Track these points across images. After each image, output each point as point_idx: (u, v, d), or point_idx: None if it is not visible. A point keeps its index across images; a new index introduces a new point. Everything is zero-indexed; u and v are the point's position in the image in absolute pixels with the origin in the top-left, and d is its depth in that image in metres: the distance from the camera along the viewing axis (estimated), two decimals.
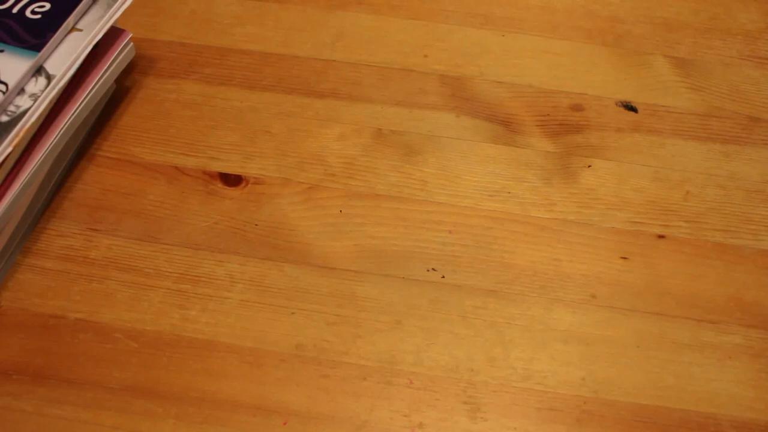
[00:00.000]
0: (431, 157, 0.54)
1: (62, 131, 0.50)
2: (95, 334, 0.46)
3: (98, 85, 0.52)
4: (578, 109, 0.57)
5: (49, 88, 0.49)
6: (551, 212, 0.52)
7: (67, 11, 0.51)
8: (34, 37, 0.50)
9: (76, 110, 0.51)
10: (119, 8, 0.52)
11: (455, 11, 0.62)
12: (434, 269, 0.49)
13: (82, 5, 0.51)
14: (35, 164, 0.48)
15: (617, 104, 0.57)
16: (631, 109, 0.57)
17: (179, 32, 0.60)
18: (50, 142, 0.49)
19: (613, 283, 0.49)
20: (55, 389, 0.44)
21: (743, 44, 0.61)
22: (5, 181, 0.47)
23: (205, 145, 0.54)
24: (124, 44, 0.54)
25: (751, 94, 0.58)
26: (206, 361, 0.46)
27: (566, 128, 0.56)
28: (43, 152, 0.49)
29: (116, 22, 0.53)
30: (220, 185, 0.53)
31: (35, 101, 0.48)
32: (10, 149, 0.46)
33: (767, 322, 0.48)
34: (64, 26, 0.50)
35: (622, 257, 0.50)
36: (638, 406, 0.45)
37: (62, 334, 0.46)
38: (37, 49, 0.49)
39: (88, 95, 0.52)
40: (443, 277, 0.49)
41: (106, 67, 0.53)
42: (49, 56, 0.50)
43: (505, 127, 0.56)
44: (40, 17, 0.50)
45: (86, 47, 0.51)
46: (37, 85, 0.49)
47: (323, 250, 0.50)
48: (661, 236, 0.51)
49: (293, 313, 0.47)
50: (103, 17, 0.52)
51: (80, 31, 0.51)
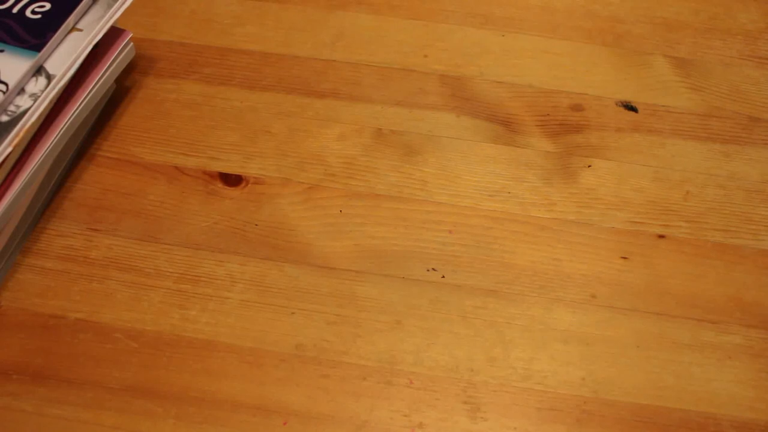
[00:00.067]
0: (431, 157, 0.54)
1: (62, 131, 0.50)
2: (95, 334, 0.46)
3: (98, 85, 0.52)
4: (578, 109, 0.57)
5: (49, 88, 0.49)
6: (551, 212, 0.52)
7: (67, 11, 0.51)
8: (34, 37, 0.50)
9: (76, 110, 0.51)
10: (119, 8, 0.52)
11: (455, 11, 0.62)
12: (434, 269, 0.49)
13: (82, 5, 0.51)
14: (35, 164, 0.48)
15: (617, 104, 0.57)
16: (631, 109, 0.57)
17: (179, 32, 0.60)
18: (50, 142, 0.49)
19: (613, 283, 0.49)
20: (55, 389, 0.44)
21: (743, 44, 0.61)
22: (5, 181, 0.47)
23: (205, 145, 0.54)
24: (124, 44, 0.54)
25: (751, 94, 0.58)
26: (206, 361, 0.46)
27: (566, 128, 0.56)
28: (43, 152, 0.49)
29: (116, 22, 0.53)
30: (220, 185, 0.53)
31: (35, 101, 0.48)
32: (10, 149, 0.46)
33: (767, 322, 0.48)
34: (64, 26, 0.50)
35: (622, 257, 0.50)
36: (638, 406, 0.45)
37: (62, 334, 0.46)
38: (37, 49, 0.49)
39: (88, 95, 0.52)
40: (443, 277, 0.49)
41: (106, 67, 0.53)
42: (49, 56, 0.50)
43: (505, 127, 0.56)
44: (40, 17, 0.50)
45: (86, 47, 0.51)
46: (37, 85, 0.49)
47: (323, 250, 0.50)
48: (661, 236, 0.51)
49: (293, 313, 0.47)
50: (103, 17, 0.52)
51: (80, 31, 0.51)
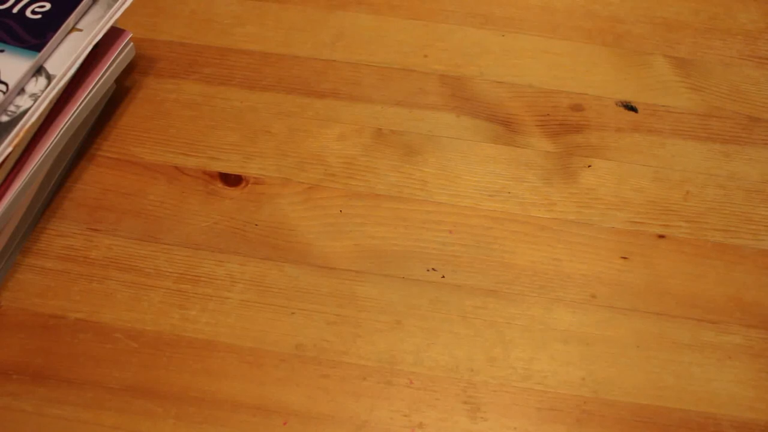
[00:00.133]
0: (431, 157, 0.54)
1: (62, 131, 0.50)
2: (95, 334, 0.46)
3: (98, 85, 0.52)
4: (578, 109, 0.57)
5: (49, 88, 0.49)
6: (551, 212, 0.52)
7: (67, 11, 0.51)
8: (34, 37, 0.50)
9: (76, 110, 0.51)
10: (119, 8, 0.52)
11: (455, 11, 0.62)
12: (434, 269, 0.49)
13: (82, 5, 0.51)
14: (35, 164, 0.48)
15: (617, 104, 0.57)
16: (631, 109, 0.57)
17: (179, 32, 0.60)
18: (50, 142, 0.49)
19: (613, 283, 0.49)
20: (55, 389, 0.44)
21: (743, 44, 0.61)
22: (5, 181, 0.47)
23: (205, 145, 0.54)
24: (124, 44, 0.54)
25: (751, 94, 0.58)
26: (206, 361, 0.46)
27: (566, 128, 0.56)
28: (43, 152, 0.49)
29: (116, 22, 0.53)
30: (220, 185, 0.53)
31: (35, 101, 0.48)
32: (10, 149, 0.46)
33: (767, 322, 0.48)
34: (64, 26, 0.50)
35: (622, 257, 0.50)
36: (638, 406, 0.45)
37: (62, 334, 0.46)
38: (37, 49, 0.49)
39: (88, 95, 0.52)
40: (443, 277, 0.49)
41: (106, 67, 0.53)
42: (49, 56, 0.50)
43: (505, 127, 0.56)
44: (40, 17, 0.50)
45: (86, 47, 0.51)
46: (37, 85, 0.49)
47: (323, 250, 0.50)
48: (661, 236, 0.51)
49: (293, 313, 0.47)
50: (103, 17, 0.52)
51: (80, 31, 0.51)
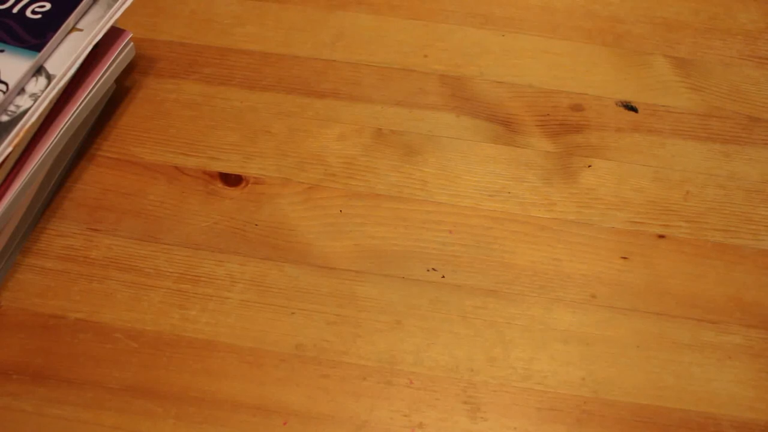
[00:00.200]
0: (431, 157, 0.54)
1: (62, 131, 0.50)
2: (95, 334, 0.46)
3: (98, 85, 0.52)
4: (578, 109, 0.57)
5: (49, 88, 0.49)
6: (551, 212, 0.52)
7: (67, 11, 0.51)
8: (34, 37, 0.50)
9: (76, 110, 0.51)
10: (119, 8, 0.52)
11: (455, 11, 0.62)
12: (434, 269, 0.49)
13: (82, 5, 0.51)
14: (35, 164, 0.48)
15: (617, 104, 0.57)
16: (631, 109, 0.57)
17: (179, 32, 0.60)
18: (50, 142, 0.49)
19: (613, 283, 0.49)
20: (55, 389, 0.44)
21: (743, 44, 0.61)
22: (5, 181, 0.47)
23: (205, 145, 0.54)
24: (124, 44, 0.54)
25: (751, 94, 0.58)
26: (206, 361, 0.46)
27: (566, 128, 0.56)
28: (43, 152, 0.49)
29: (116, 22, 0.53)
30: (220, 185, 0.53)
31: (35, 101, 0.48)
32: (10, 149, 0.46)
33: (767, 322, 0.48)
34: (64, 26, 0.50)
35: (622, 257, 0.50)
36: (638, 406, 0.45)
37: (62, 334, 0.46)
38: (37, 49, 0.49)
39: (88, 95, 0.52)
40: (443, 277, 0.49)
41: (106, 67, 0.53)
42: (49, 56, 0.50)
43: (505, 127, 0.56)
44: (40, 17, 0.50)
45: (86, 47, 0.51)
46: (37, 85, 0.49)
47: (323, 250, 0.50)
48: (661, 236, 0.51)
49: (293, 313, 0.47)
50: (103, 17, 0.52)
51: (80, 31, 0.51)
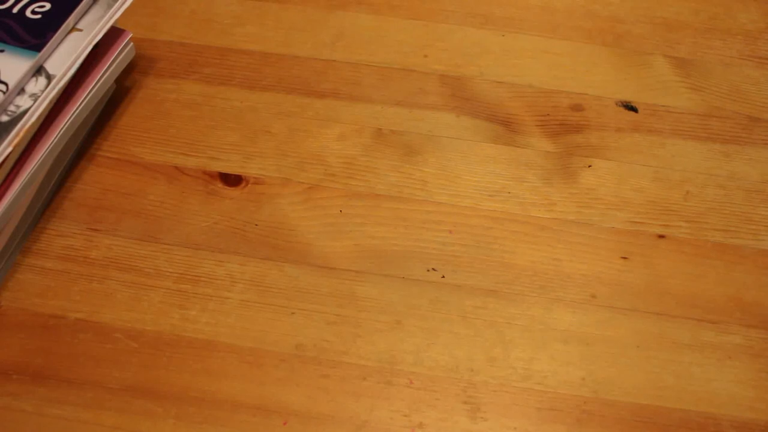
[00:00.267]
0: (431, 157, 0.54)
1: (62, 131, 0.50)
2: (95, 334, 0.46)
3: (98, 85, 0.52)
4: (578, 109, 0.57)
5: (49, 88, 0.49)
6: (551, 212, 0.52)
7: (67, 11, 0.51)
8: (34, 37, 0.50)
9: (76, 110, 0.51)
10: (119, 8, 0.52)
11: (455, 11, 0.62)
12: (434, 269, 0.49)
13: (82, 5, 0.51)
14: (35, 164, 0.48)
15: (617, 104, 0.57)
16: (631, 109, 0.57)
17: (179, 32, 0.60)
18: (50, 142, 0.49)
19: (613, 283, 0.49)
20: (55, 389, 0.44)
21: (743, 44, 0.61)
22: (5, 181, 0.47)
23: (205, 145, 0.54)
24: (124, 44, 0.54)
25: (751, 94, 0.58)
26: (206, 361, 0.46)
27: (566, 128, 0.56)
28: (43, 152, 0.49)
29: (116, 22, 0.53)
30: (220, 185, 0.53)
31: (35, 101, 0.48)
32: (10, 149, 0.46)
33: (767, 322, 0.48)
34: (64, 26, 0.50)
35: (622, 257, 0.50)
36: (638, 406, 0.45)
37: (62, 334, 0.46)
38: (37, 49, 0.49)
39: (88, 95, 0.52)
40: (443, 277, 0.49)
41: (106, 67, 0.53)
42: (49, 56, 0.50)
43: (505, 127, 0.56)
44: (40, 17, 0.50)
45: (86, 47, 0.51)
46: (37, 85, 0.49)
47: (323, 250, 0.50)
48: (661, 236, 0.51)
49: (293, 313, 0.47)
50: (103, 17, 0.52)
51: (80, 31, 0.51)
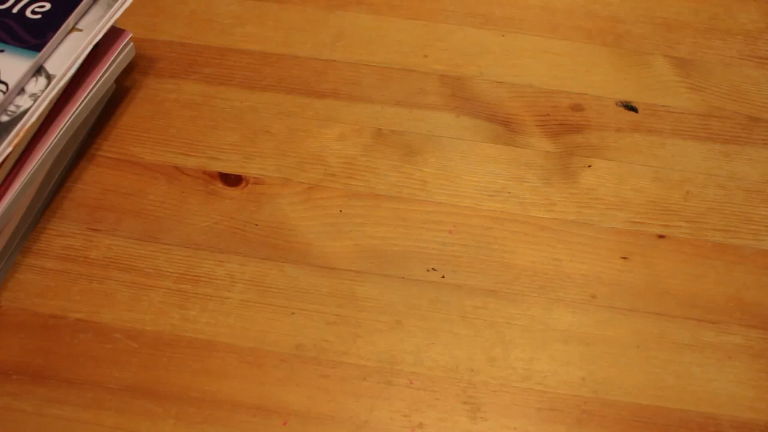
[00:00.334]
0: (431, 157, 0.54)
1: (62, 131, 0.50)
2: (95, 334, 0.46)
3: (98, 85, 0.52)
4: (578, 109, 0.57)
5: (49, 88, 0.49)
6: (551, 212, 0.52)
7: (67, 11, 0.51)
8: (34, 37, 0.50)
9: (76, 110, 0.51)
10: (119, 8, 0.52)
11: (455, 11, 0.62)
12: (434, 269, 0.49)
13: (82, 5, 0.51)
14: (35, 164, 0.48)
15: (617, 104, 0.57)
16: (631, 109, 0.57)
17: (179, 32, 0.60)
18: (50, 142, 0.49)
19: (613, 283, 0.49)
20: (55, 389, 0.44)
21: (743, 44, 0.61)
22: (5, 181, 0.47)
23: (205, 145, 0.54)
24: (124, 44, 0.54)
25: (751, 94, 0.58)
26: (206, 361, 0.46)
27: (566, 128, 0.56)
28: (43, 152, 0.49)
29: (116, 22, 0.53)
30: (220, 185, 0.53)
31: (35, 101, 0.48)
32: (10, 149, 0.46)
33: (767, 322, 0.48)
34: (64, 26, 0.50)
35: (622, 257, 0.50)
36: (638, 406, 0.45)
37: (62, 334, 0.46)
38: (37, 49, 0.49)
39: (88, 95, 0.52)
40: (443, 277, 0.49)
41: (106, 67, 0.53)
42: (49, 56, 0.50)
43: (505, 127, 0.56)
44: (40, 17, 0.50)
45: (86, 47, 0.51)
46: (37, 85, 0.49)
47: (323, 250, 0.50)
48: (661, 236, 0.51)
49: (293, 313, 0.47)
50: (103, 17, 0.52)
51: (80, 31, 0.51)
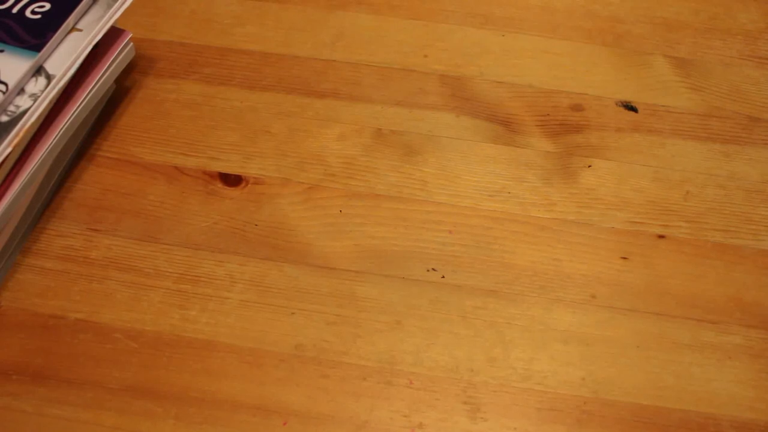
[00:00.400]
0: (431, 157, 0.54)
1: (62, 131, 0.50)
2: (95, 334, 0.46)
3: (98, 85, 0.52)
4: (578, 109, 0.57)
5: (49, 88, 0.49)
6: (551, 212, 0.52)
7: (67, 11, 0.51)
8: (34, 37, 0.50)
9: (76, 110, 0.51)
10: (119, 8, 0.52)
11: (455, 11, 0.62)
12: (434, 269, 0.49)
13: (82, 5, 0.51)
14: (35, 164, 0.48)
15: (617, 104, 0.57)
16: (631, 109, 0.57)
17: (179, 32, 0.60)
18: (50, 142, 0.49)
19: (613, 283, 0.49)
20: (55, 389, 0.44)
21: (743, 44, 0.61)
22: (5, 181, 0.47)
23: (205, 145, 0.54)
24: (124, 44, 0.54)
25: (751, 94, 0.58)
26: (206, 361, 0.46)
27: (566, 128, 0.56)
28: (43, 152, 0.49)
29: (116, 22, 0.53)
30: (220, 185, 0.53)
31: (35, 101, 0.48)
32: (10, 149, 0.46)
33: (767, 322, 0.48)
34: (64, 26, 0.50)
35: (622, 257, 0.50)
36: (638, 406, 0.45)
37: (62, 334, 0.46)
38: (37, 49, 0.49)
39: (88, 95, 0.52)
40: (443, 277, 0.49)
41: (106, 67, 0.53)
42: (49, 56, 0.50)
43: (505, 127, 0.56)
44: (40, 17, 0.50)
45: (86, 47, 0.51)
46: (37, 85, 0.49)
47: (323, 250, 0.50)
48: (661, 236, 0.51)
49: (293, 313, 0.47)
50: (103, 17, 0.52)
51: (80, 31, 0.51)
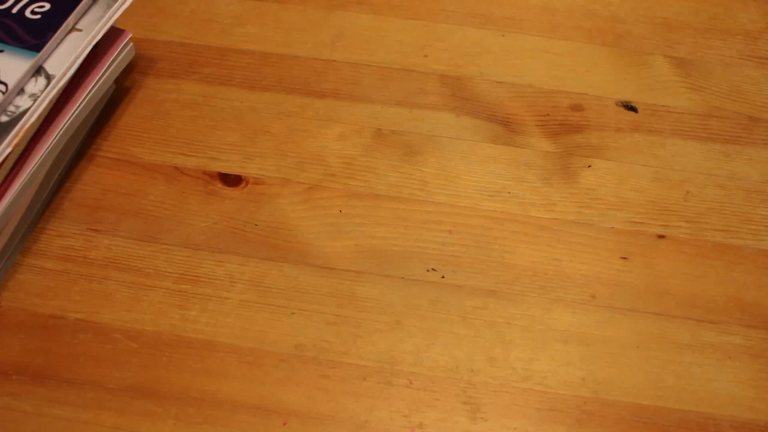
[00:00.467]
0: (431, 157, 0.54)
1: (62, 131, 0.50)
2: (95, 334, 0.46)
3: (98, 85, 0.52)
4: (578, 109, 0.57)
5: (48, 88, 0.49)
6: (551, 212, 0.52)
7: (67, 11, 0.51)
8: (33, 37, 0.50)
9: (76, 110, 0.51)
10: (119, 8, 0.52)
11: (455, 11, 0.62)
12: (434, 269, 0.49)
13: (82, 5, 0.51)
14: (35, 164, 0.48)
15: (617, 104, 0.57)
16: (631, 109, 0.57)
17: (179, 32, 0.60)
18: (50, 142, 0.49)
19: (613, 283, 0.49)
20: (55, 389, 0.44)
21: (743, 44, 0.61)
22: (5, 181, 0.47)
23: (205, 145, 0.54)
24: (124, 44, 0.54)
25: (751, 94, 0.58)
26: (206, 361, 0.46)
27: (566, 128, 0.56)
28: (43, 152, 0.49)
29: (116, 22, 0.53)
30: (219, 185, 0.53)
31: (35, 101, 0.48)
32: (9, 149, 0.46)
33: (767, 322, 0.48)
34: (64, 26, 0.50)
35: (622, 257, 0.50)
36: (638, 406, 0.45)
37: (62, 334, 0.46)
38: (36, 49, 0.49)
39: (88, 95, 0.52)
40: (443, 277, 0.49)
41: (106, 67, 0.53)
42: (48, 56, 0.50)
43: (505, 127, 0.56)
44: (39, 17, 0.50)
45: (86, 47, 0.51)
46: (36, 85, 0.49)
47: (323, 250, 0.50)
48: (661, 236, 0.51)
49: (293, 313, 0.47)
50: (103, 17, 0.52)
51: (80, 31, 0.51)
